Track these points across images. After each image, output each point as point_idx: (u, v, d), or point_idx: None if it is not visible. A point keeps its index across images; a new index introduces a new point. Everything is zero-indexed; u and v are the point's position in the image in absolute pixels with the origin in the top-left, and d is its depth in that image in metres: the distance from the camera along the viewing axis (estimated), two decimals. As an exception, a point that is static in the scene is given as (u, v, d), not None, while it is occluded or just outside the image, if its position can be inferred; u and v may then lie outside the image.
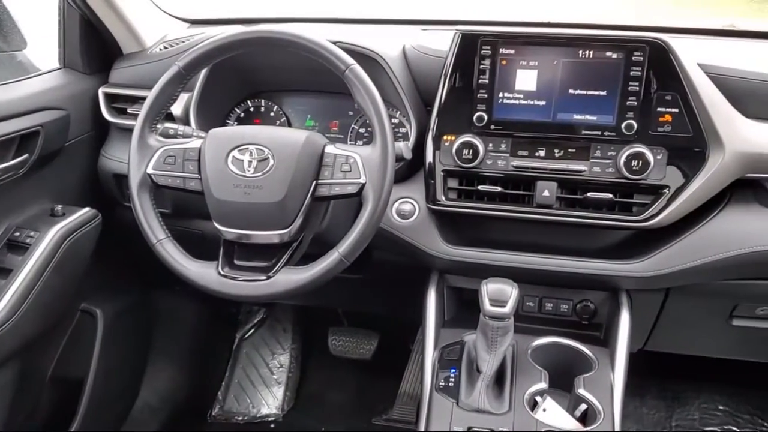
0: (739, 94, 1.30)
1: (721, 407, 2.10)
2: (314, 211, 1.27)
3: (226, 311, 2.45)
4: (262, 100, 1.65)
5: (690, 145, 1.27)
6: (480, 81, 1.33)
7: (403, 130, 1.54)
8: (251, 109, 1.66)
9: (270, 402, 2.34)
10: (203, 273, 1.22)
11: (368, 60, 1.40)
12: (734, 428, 2.06)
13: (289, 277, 1.19)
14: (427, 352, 1.39)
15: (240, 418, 2.30)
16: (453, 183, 1.40)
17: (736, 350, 1.70)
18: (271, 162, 1.19)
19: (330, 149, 1.23)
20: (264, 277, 1.19)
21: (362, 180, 1.18)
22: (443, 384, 1.28)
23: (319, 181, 1.21)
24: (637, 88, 1.27)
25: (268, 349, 2.46)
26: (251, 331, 2.49)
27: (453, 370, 1.30)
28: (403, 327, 2.22)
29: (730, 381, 2.12)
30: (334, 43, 1.27)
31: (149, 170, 1.24)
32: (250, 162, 1.20)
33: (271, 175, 1.18)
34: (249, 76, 1.61)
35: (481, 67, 1.33)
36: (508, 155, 1.36)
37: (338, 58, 1.20)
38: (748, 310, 1.49)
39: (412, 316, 1.58)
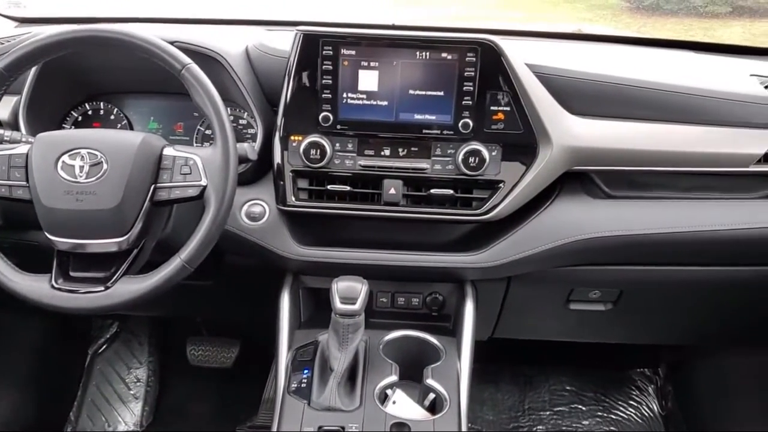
0: (564, 92, 1.39)
1: (568, 387, 2.25)
2: (155, 216, 1.22)
3: (75, 326, 2.31)
4: (101, 103, 1.57)
5: (522, 142, 1.35)
6: (324, 81, 1.34)
7: (251, 131, 1.52)
8: (89, 113, 1.57)
9: (127, 418, 2.23)
10: (34, 287, 1.14)
11: (208, 59, 1.37)
12: (581, 406, 2.21)
13: (128, 287, 1.14)
14: (280, 354, 1.38)
15: (95, 438, 2.18)
16: (303, 183, 1.40)
17: (575, 332, 1.83)
18: (105, 166, 1.14)
19: (169, 151, 1.19)
20: (101, 288, 1.14)
21: (203, 182, 1.16)
22: (295, 386, 1.28)
23: (158, 184, 1.17)
24: (471, 88, 1.32)
25: (123, 364, 2.34)
26: (104, 346, 2.36)
27: (306, 371, 1.30)
28: (265, 332, 2.19)
29: (575, 362, 2.28)
30: (172, 42, 1.24)
31: None
32: (81, 167, 1.14)
33: (105, 180, 1.13)
34: (85, 78, 1.52)
35: (324, 67, 1.33)
36: (355, 155, 1.38)
37: (173, 57, 1.17)
38: (582, 294, 1.60)
39: (272, 320, 1.56)
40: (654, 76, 1.44)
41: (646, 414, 2.20)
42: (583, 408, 2.20)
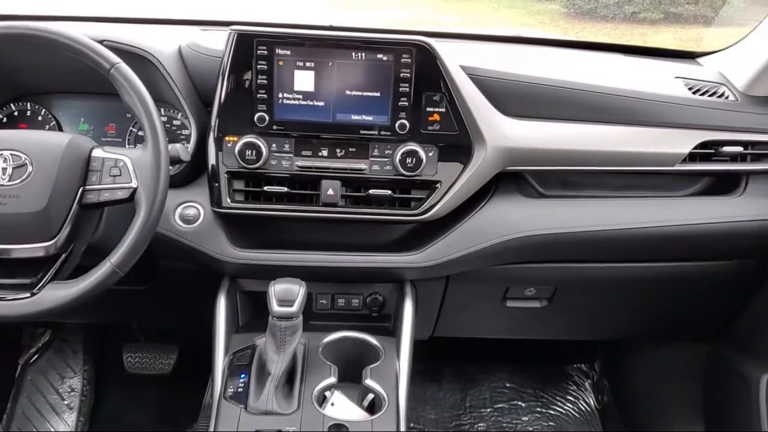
0: (498, 93, 1.42)
1: (508, 384, 2.29)
2: (84, 219, 1.19)
3: (4, 336, 2.22)
4: (28, 104, 1.51)
5: (457, 142, 1.36)
6: (258, 81, 1.33)
7: (186, 132, 1.49)
8: (15, 114, 1.52)
9: (61, 430, 2.15)
10: None
11: (139, 59, 1.35)
12: (520, 403, 2.25)
13: (55, 293, 1.11)
14: (216, 359, 1.36)
15: (26, 452, 2.10)
16: (239, 185, 1.38)
17: (512, 330, 1.86)
18: (30, 168, 1.11)
19: (97, 153, 1.16)
20: (27, 295, 1.10)
21: (133, 184, 1.14)
22: (232, 390, 1.26)
23: (87, 187, 1.14)
24: (408, 89, 1.33)
25: (56, 374, 2.26)
26: (36, 356, 2.27)
27: (243, 376, 1.29)
28: (204, 337, 2.16)
29: (515, 359, 2.32)
30: (100, 41, 1.22)
31: None
32: (4, 169, 1.10)
33: (30, 183, 1.10)
34: (10, 78, 1.47)
35: (259, 67, 1.32)
36: (292, 155, 1.37)
37: (102, 56, 1.15)
38: (518, 292, 1.64)
39: (210, 325, 1.54)
40: (585, 78, 1.48)
41: (584, 409, 2.25)
42: (523, 404, 2.24)
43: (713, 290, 1.68)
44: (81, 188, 1.13)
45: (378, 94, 1.34)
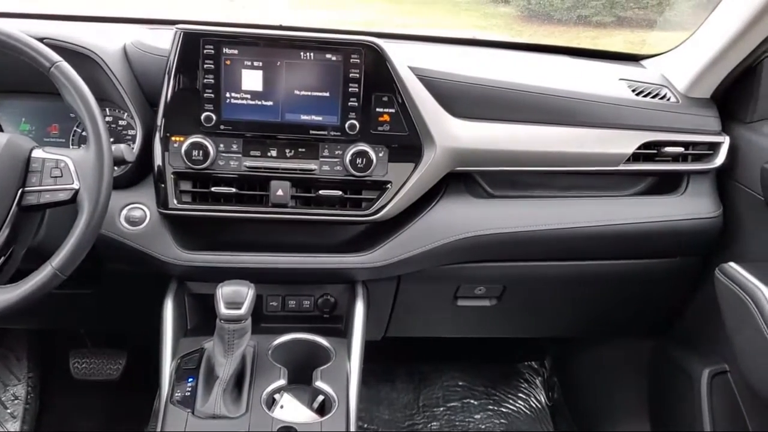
0: (447, 95, 1.42)
1: (460, 383, 2.31)
2: (24, 222, 1.15)
3: (-58, 344, 2.14)
4: None
5: (407, 143, 1.37)
6: (205, 81, 1.31)
7: (132, 132, 1.46)
8: None
9: (4, 440, 2.09)
10: None
11: (82, 57, 1.32)
12: (473, 401, 2.27)
13: None
14: (164, 363, 1.34)
15: (-35, 464, 2.03)
16: (186, 186, 1.36)
17: (464, 328, 1.87)
18: None
19: (38, 153, 1.13)
20: None
21: (75, 185, 1.11)
22: (180, 395, 1.24)
23: (26, 188, 1.11)
24: (357, 89, 1.33)
25: (-1, 382, 2.19)
26: (-24, 364, 2.20)
27: (191, 380, 1.27)
28: (153, 341, 2.12)
29: (467, 358, 2.34)
30: (41, 39, 1.18)
31: None
32: None
33: None
34: (-55, 76, 1.42)
35: (206, 66, 1.30)
36: (240, 155, 1.35)
37: (42, 54, 1.11)
38: (468, 291, 1.65)
39: (159, 329, 1.51)
40: (533, 80, 1.50)
41: (534, 406, 2.28)
42: (475, 402, 2.26)
43: (657, 287, 1.72)
44: (20, 190, 1.10)
45: (327, 95, 1.34)
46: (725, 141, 1.53)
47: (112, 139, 1.17)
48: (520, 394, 2.30)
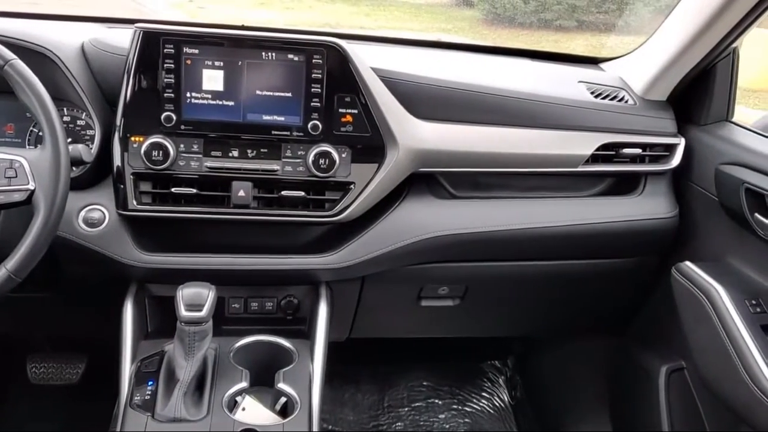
0: (410, 96, 1.43)
1: (425, 383, 2.32)
2: (-24, 224, 1.13)
3: None
4: None
5: (370, 144, 1.37)
6: (166, 80, 1.29)
7: (90, 132, 1.43)
8: None
9: (-42, 448, 2.03)
10: None
11: (38, 56, 1.29)
12: (437, 401, 2.28)
13: None
14: (123, 367, 1.32)
15: None
16: (145, 186, 1.34)
17: (428, 328, 1.88)
18: None
19: None
20: None
21: (31, 186, 1.09)
22: (139, 398, 1.22)
23: None
24: (319, 90, 1.33)
25: (-47, 388, 2.13)
26: (-70, 370, 2.14)
27: (150, 383, 1.25)
28: (114, 344, 2.08)
29: (432, 358, 2.35)
30: (-6, 36, 1.16)
31: None
32: None
33: None
34: None
35: (166, 66, 1.29)
36: (201, 156, 1.34)
37: None
38: (431, 291, 1.66)
39: (119, 332, 1.48)
40: (494, 82, 1.52)
41: (498, 405, 2.31)
42: (440, 402, 2.27)
43: (617, 286, 1.75)
44: None
45: (290, 95, 1.33)
46: (681, 143, 1.57)
47: (69, 140, 1.15)
48: (484, 394, 2.32)
